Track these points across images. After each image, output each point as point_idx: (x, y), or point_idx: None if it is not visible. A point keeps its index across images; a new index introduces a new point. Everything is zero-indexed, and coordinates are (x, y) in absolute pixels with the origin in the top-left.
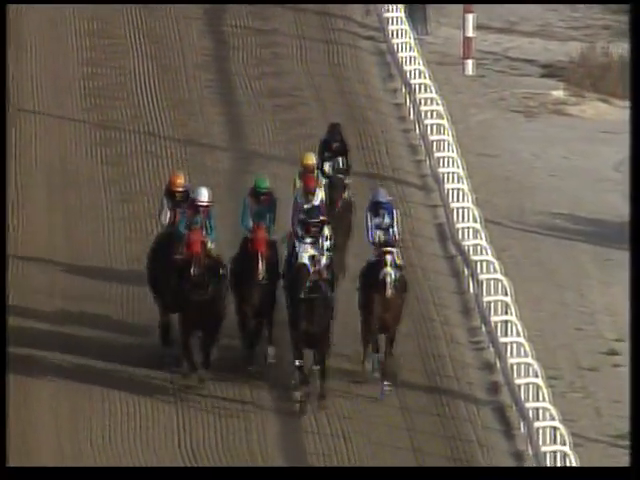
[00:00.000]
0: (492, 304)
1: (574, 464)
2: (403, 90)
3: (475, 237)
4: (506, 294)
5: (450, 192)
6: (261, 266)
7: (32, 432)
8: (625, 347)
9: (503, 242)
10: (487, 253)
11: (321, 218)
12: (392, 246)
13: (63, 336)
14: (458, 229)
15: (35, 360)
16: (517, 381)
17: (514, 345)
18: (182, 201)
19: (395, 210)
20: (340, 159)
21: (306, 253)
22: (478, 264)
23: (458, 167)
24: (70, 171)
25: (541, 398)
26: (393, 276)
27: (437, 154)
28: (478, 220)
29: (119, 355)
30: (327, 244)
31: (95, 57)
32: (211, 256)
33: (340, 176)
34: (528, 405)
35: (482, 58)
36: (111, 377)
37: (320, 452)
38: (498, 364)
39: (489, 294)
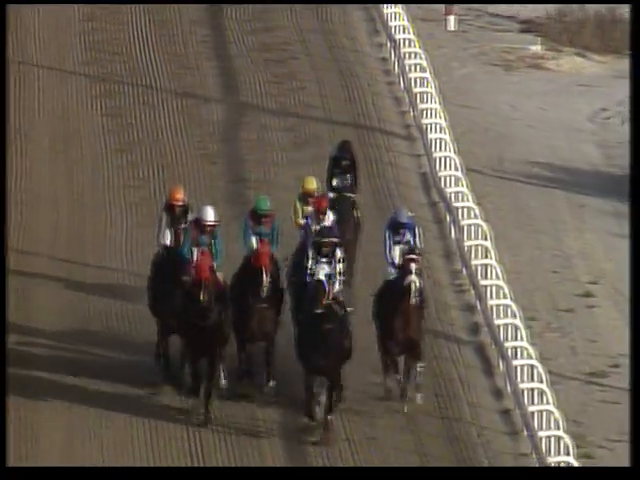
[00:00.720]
0: (473, 248)
1: (550, 401)
2: (388, 45)
3: (457, 185)
4: (486, 239)
5: (433, 142)
6: (265, 280)
7: (37, 445)
8: (599, 289)
9: (483, 189)
10: (468, 200)
11: (333, 239)
12: (416, 254)
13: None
14: (440, 177)
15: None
16: (497, 322)
17: (494, 287)
18: (181, 217)
19: (418, 227)
20: (349, 175)
21: (322, 270)
22: (459, 210)
23: (440, 118)
24: (72, 122)
25: (519, 338)
26: (418, 284)
27: (420, 106)
28: (459, 168)
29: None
30: (339, 267)
31: (94, 13)
32: (217, 281)
33: (348, 195)
34: (507, 344)
35: (464, 14)
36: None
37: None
38: (479, 306)
39: (470, 239)
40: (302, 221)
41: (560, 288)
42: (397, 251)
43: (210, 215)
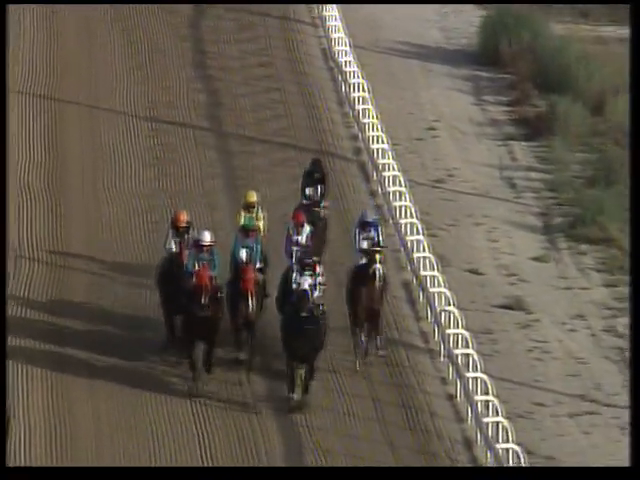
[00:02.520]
0: (356, 99)
1: (407, 197)
2: None
3: (346, 56)
4: (364, 90)
5: (330, 28)
6: (251, 302)
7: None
8: (440, 125)
9: (366, 60)
10: (354, 66)
11: (314, 259)
12: (380, 248)
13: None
14: (335, 51)
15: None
16: (373, 147)
17: (372, 124)
18: (185, 233)
19: (380, 226)
20: (319, 186)
21: (306, 282)
22: (348, 73)
23: (337, 12)
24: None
25: (387, 158)
26: (381, 271)
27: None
28: (348, 45)
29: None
30: (320, 279)
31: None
32: (213, 285)
33: (319, 202)
34: (379, 162)
35: None
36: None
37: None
38: (360, 136)
39: (354, 92)
40: (242, 221)
41: (415, 124)
42: (365, 243)
43: (207, 237)
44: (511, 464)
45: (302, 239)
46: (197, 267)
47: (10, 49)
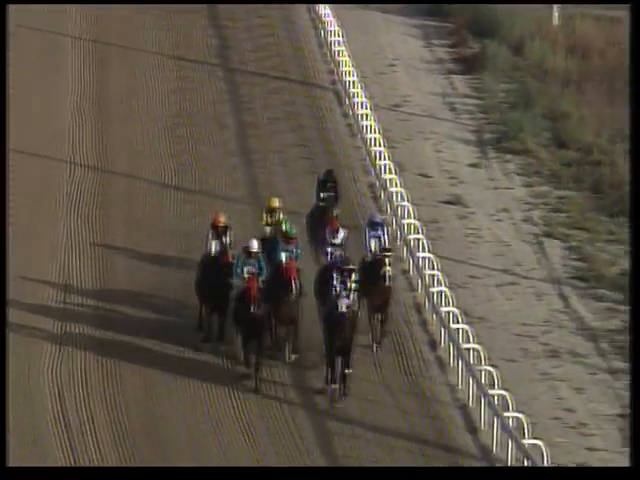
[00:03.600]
0: (333, 43)
1: (372, 117)
2: None
3: (324, 10)
4: (338, 35)
5: None
6: (294, 286)
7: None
8: (398, 62)
9: (339, 13)
10: (330, 17)
11: (351, 267)
12: (388, 251)
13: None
14: (316, 6)
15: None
16: (345, 79)
17: (344, 62)
18: (222, 233)
19: (387, 227)
20: (333, 193)
21: (344, 304)
22: (326, 23)
23: None
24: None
25: (356, 87)
26: (390, 273)
27: None
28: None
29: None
30: (354, 286)
31: None
32: (260, 289)
33: (332, 207)
34: (350, 90)
35: None
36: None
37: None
38: (335, 71)
39: (331, 37)
40: (267, 228)
41: (378, 62)
42: (373, 242)
43: (255, 246)
44: (452, 326)
45: (337, 241)
46: (245, 272)
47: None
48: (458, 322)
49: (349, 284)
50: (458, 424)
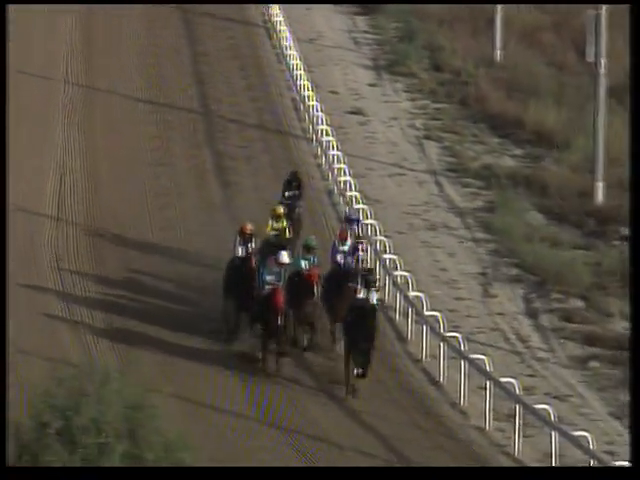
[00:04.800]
0: (275, 14)
1: (293, 47)
2: None
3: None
4: (279, 9)
5: None
6: (316, 291)
7: None
8: (315, 7)
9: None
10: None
11: (375, 277)
12: (363, 239)
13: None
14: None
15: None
16: (275, 19)
17: (280, 22)
18: (249, 240)
19: (361, 222)
20: (297, 192)
21: (374, 297)
22: (278, 25)
23: None
24: None
25: (281, 25)
26: (365, 256)
27: None
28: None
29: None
30: (375, 287)
31: None
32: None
33: (296, 204)
34: (278, 27)
35: None
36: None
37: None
38: (268, 19)
39: (273, 13)
40: (271, 232)
41: (299, 8)
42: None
43: (284, 257)
44: (355, 206)
45: (345, 248)
46: (268, 280)
47: None
48: (359, 203)
49: (371, 286)
50: None
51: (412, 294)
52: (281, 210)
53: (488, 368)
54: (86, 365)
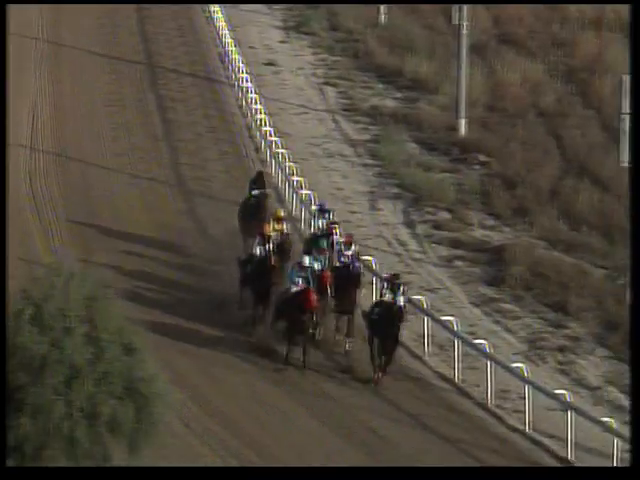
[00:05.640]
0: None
1: (221, 14)
2: None
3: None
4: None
5: None
6: (329, 290)
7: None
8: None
9: None
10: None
11: (398, 280)
12: (335, 223)
13: None
14: None
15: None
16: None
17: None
18: (267, 241)
19: (332, 212)
20: (262, 190)
21: (401, 298)
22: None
23: None
24: None
25: (218, 12)
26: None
27: None
28: None
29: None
30: (401, 290)
31: None
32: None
33: (262, 204)
34: (215, 17)
35: None
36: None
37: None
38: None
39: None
40: (273, 233)
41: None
42: (320, 222)
43: (306, 261)
44: (269, 138)
45: (349, 252)
46: (300, 281)
47: None
48: (272, 136)
49: (398, 289)
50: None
51: (314, 208)
52: (282, 213)
53: (375, 267)
54: (55, 265)
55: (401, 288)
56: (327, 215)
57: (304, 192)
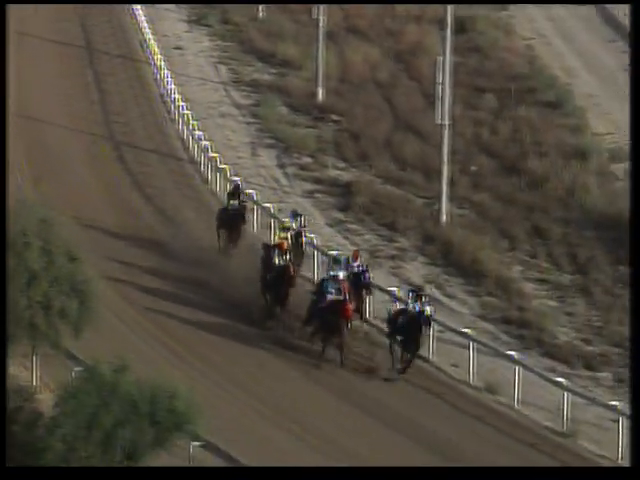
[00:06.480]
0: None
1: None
2: None
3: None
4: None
5: None
6: (347, 295)
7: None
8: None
9: None
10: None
11: (421, 292)
12: (305, 227)
13: None
14: None
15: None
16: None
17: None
18: (285, 253)
19: (305, 215)
20: (238, 201)
21: (428, 307)
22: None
23: None
24: None
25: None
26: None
27: None
28: None
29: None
30: (425, 299)
31: None
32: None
33: (239, 207)
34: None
35: None
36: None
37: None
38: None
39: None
40: (278, 240)
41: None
42: (294, 224)
43: (341, 275)
44: (178, 103)
45: (355, 264)
46: (334, 292)
47: None
48: (179, 101)
49: (424, 299)
50: (177, 147)
51: (211, 154)
52: (289, 224)
53: (255, 198)
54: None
55: (424, 298)
56: (299, 219)
57: (203, 143)
